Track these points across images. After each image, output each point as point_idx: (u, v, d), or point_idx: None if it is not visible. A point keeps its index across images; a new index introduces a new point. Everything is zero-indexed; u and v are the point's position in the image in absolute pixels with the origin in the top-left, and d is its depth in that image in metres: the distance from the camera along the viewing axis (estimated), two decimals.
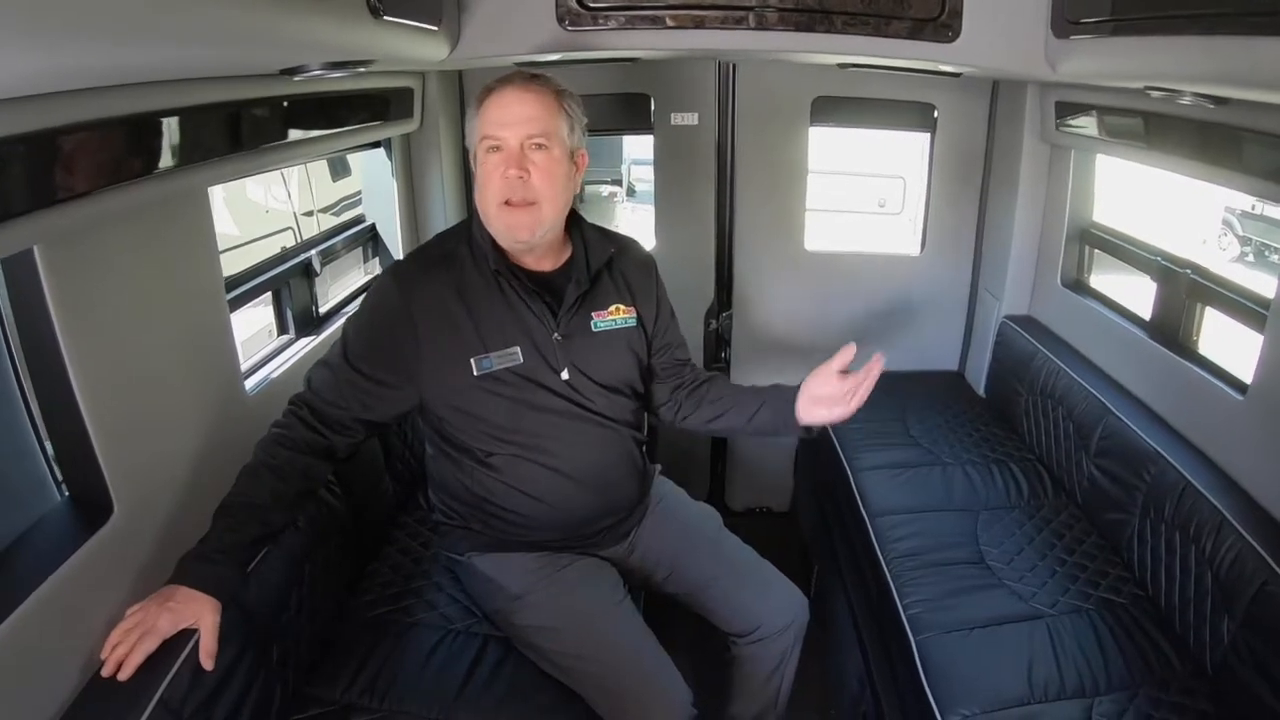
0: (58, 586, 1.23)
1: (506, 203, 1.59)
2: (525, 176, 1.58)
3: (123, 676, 1.28)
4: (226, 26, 1.07)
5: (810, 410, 1.75)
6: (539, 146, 1.59)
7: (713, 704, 1.90)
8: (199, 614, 1.37)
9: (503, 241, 1.67)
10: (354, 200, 5.26)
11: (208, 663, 1.35)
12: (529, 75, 1.64)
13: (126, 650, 1.30)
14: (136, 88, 1.23)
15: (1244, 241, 9.62)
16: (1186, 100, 1.73)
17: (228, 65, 1.36)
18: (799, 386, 1.77)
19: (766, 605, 1.82)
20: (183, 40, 1.02)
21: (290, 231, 5.23)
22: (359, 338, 1.69)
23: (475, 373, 1.66)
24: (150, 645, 1.31)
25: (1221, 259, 9.26)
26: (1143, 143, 2.25)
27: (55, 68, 0.86)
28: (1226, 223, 9.70)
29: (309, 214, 5.47)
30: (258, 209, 5.19)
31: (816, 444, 3.01)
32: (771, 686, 1.87)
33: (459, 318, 1.66)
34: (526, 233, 1.62)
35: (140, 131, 1.28)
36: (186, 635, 1.35)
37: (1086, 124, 2.52)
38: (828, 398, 1.72)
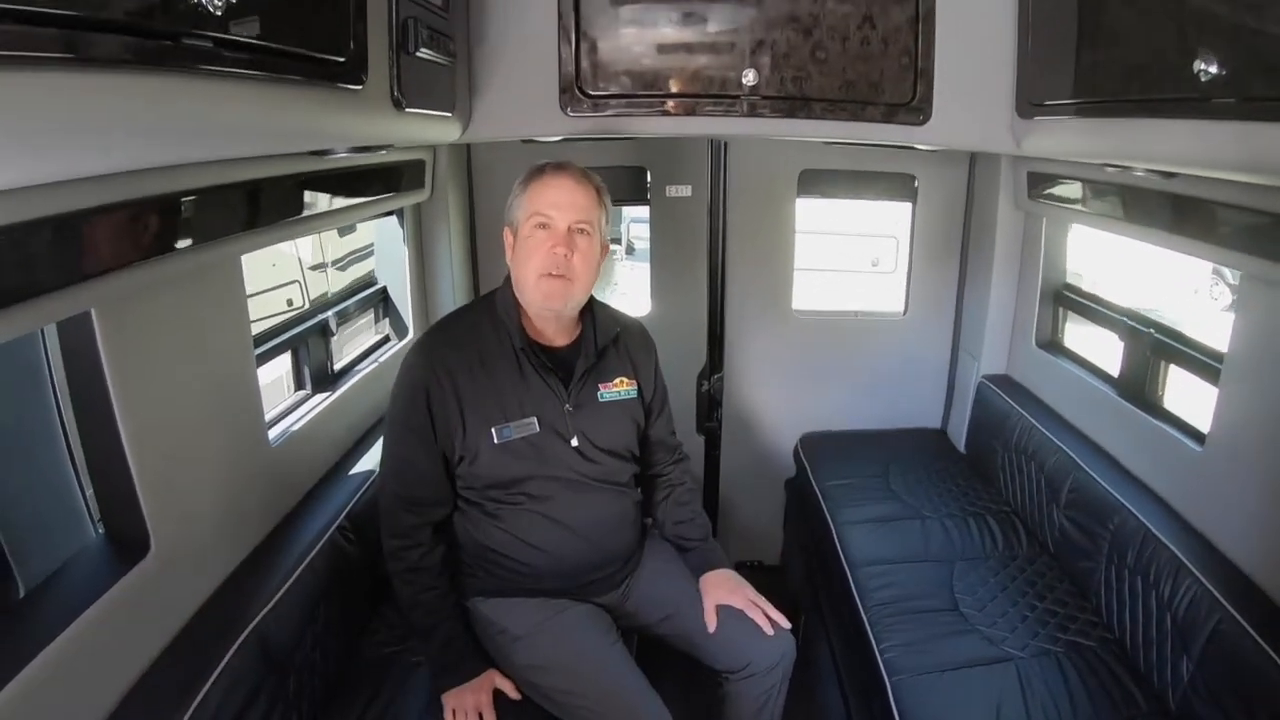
0: (97, 616, 1.34)
1: (546, 274, 1.79)
2: (568, 255, 1.79)
3: None
4: (272, 123, 1.25)
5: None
6: (583, 232, 1.82)
7: None
8: (486, 684, 1.80)
9: (535, 310, 1.87)
10: (360, 254, 5.45)
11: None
12: (580, 169, 1.87)
13: None
14: (184, 167, 1.38)
15: (1235, 290, 9.69)
16: (1139, 174, 1.91)
17: (268, 150, 1.54)
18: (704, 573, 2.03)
19: (756, 643, 1.93)
20: (234, 136, 1.19)
21: (297, 285, 5.37)
22: (407, 421, 1.87)
23: (495, 440, 1.83)
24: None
25: (1214, 308, 9.35)
26: (1107, 211, 2.42)
27: (122, 156, 1.00)
28: (1217, 271, 9.79)
29: (315, 268, 5.61)
30: (264, 263, 5.34)
31: (803, 500, 3.13)
32: None
33: (482, 390, 1.84)
34: (559, 302, 1.83)
35: (185, 207, 1.43)
36: (215, 661, 1.47)
37: (1056, 194, 2.70)
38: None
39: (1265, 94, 1.28)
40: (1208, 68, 1.34)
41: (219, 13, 0.92)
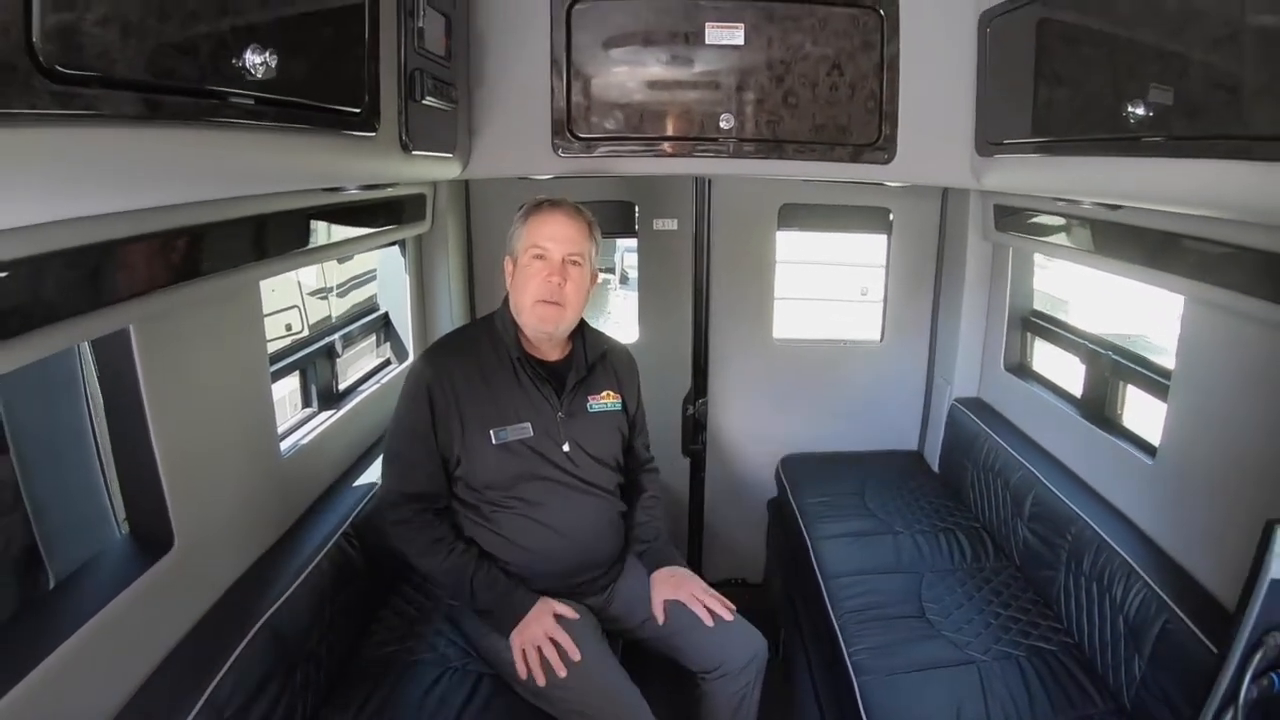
0: (123, 605, 1.47)
1: (542, 300, 1.97)
2: (561, 284, 1.98)
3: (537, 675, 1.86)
4: (296, 166, 1.42)
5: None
6: (575, 263, 2.02)
7: None
8: (545, 611, 1.93)
9: (531, 331, 2.04)
10: (360, 280, 5.60)
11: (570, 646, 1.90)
12: (573, 204, 2.06)
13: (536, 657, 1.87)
14: (214, 201, 1.54)
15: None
16: (1087, 206, 2.08)
17: (289, 189, 1.72)
18: (654, 570, 2.17)
19: (728, 644, 2.06)
20: (262, 177, 1.37)
21: (296, 310, 5.50)
22: (412, 424, 2.03)
23: (494, 441, 2.00)
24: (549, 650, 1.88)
25: None
26: (1064, 241, 2.58)
27: (166, 194, 1.16)
28: None
29: (316, 293, 5.74)
30: (264, 287, 5.43)
31: (784, 518, 3.26)
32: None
33: (481, 396, 2.01)
34: (552, 325, 2.02)
35: (213, 237, 1.58)
36: (229, 652, 1.59)
37: (1020, 225, 2.86)
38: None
39: (1186, 134, 1.44)
40: (1135, 110, 1.50)
41: (257, 74, 1.09)
